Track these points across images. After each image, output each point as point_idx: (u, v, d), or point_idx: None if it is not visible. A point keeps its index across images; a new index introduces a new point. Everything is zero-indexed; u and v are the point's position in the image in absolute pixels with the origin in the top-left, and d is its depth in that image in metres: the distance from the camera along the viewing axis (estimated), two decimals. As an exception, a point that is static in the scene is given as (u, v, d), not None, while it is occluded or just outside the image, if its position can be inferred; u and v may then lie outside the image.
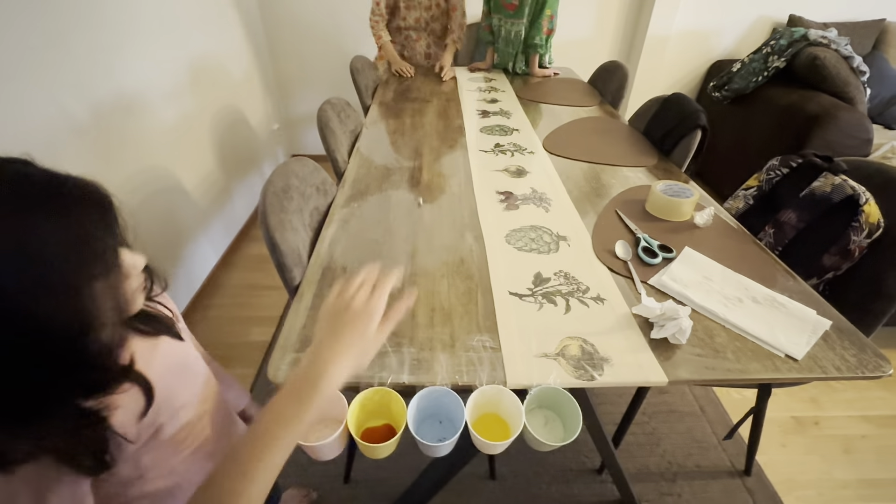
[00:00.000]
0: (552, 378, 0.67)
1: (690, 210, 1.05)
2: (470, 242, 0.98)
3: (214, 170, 2.05)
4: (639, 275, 0.88)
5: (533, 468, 1.37)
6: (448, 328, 0.76)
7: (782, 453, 1.45)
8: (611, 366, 0.69)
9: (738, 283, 0.85)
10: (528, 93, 1.96)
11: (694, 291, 0.82)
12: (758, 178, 1.09)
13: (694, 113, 1.32)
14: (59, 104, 1.26)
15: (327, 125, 1.29)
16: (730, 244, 0.98)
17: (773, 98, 2.34)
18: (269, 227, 0.83)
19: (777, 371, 0.69)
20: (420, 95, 1.91)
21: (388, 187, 1.20)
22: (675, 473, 1.38)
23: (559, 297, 0.83)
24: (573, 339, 0.74)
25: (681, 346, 0.73)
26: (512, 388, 0.66)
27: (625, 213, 1.08)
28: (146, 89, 1.61)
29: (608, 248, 0.96)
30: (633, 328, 0.76)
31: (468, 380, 0.67)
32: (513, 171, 1.29)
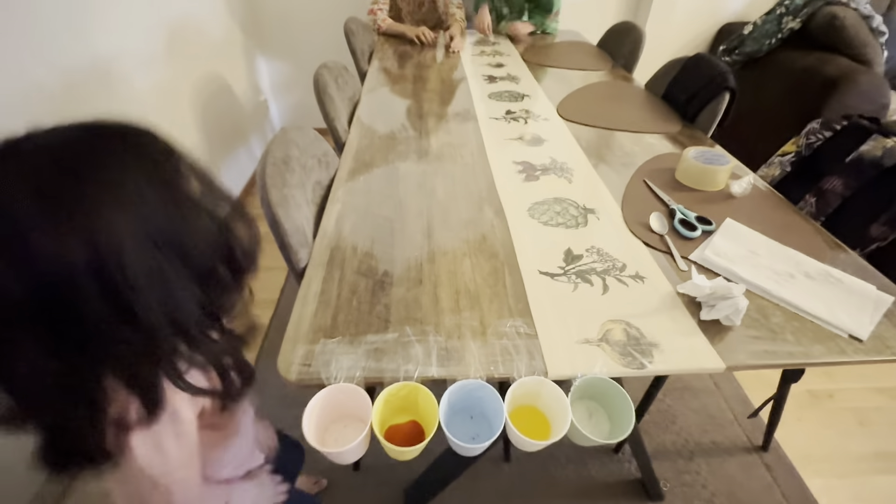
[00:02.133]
0: (598, 367, 0.60)
1: (726, 179, 0.97)
2: (490, 217, 0.89)
3: (198, 143, 1.92)
4: (677, 249, 0.81)
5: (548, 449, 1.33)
6: (477, 312, 0.68)
7: (798, 427, 1.43)
8: (660, 351, 0.63)
9: (787, 257, 0.78)
10: (535, 56, 1.84)
11: (741, 267, 0.75)
12: (796, 143, 1.01)
13: (721, 74, 1.22)
14: (26, 74, 1.13)
15: (325, 91, 1.17)
16: (770, 215, 0.90)
17: (787, 61, 2.23)
18: (270, 202, 0.74)
19: (843, 353, 0.63)
20: (421, 59, 1.78)
21: (394, 158, 1.09)
22: (691, 451, 1.35)
23: (595, 276, 0.75)
24: (616, 322, 0.67)
25: (733, 328, 0.66)
26: (553, 378, 0.59)
27: (654, 183, 1.00)
28: (120, 55, 1.46)
29: (641, 221, 0.88)
30: (680, 309, 0.69)
31: (504, 371, 0.60)
32: (528, 139, 1.20)
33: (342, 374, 0.59)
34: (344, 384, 0.57)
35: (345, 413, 0.62)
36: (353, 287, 0.72)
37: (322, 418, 0.59)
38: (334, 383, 0.58)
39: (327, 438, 0.60)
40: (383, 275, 0.75)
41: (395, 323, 0.66)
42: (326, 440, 0.60)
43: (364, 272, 0.75)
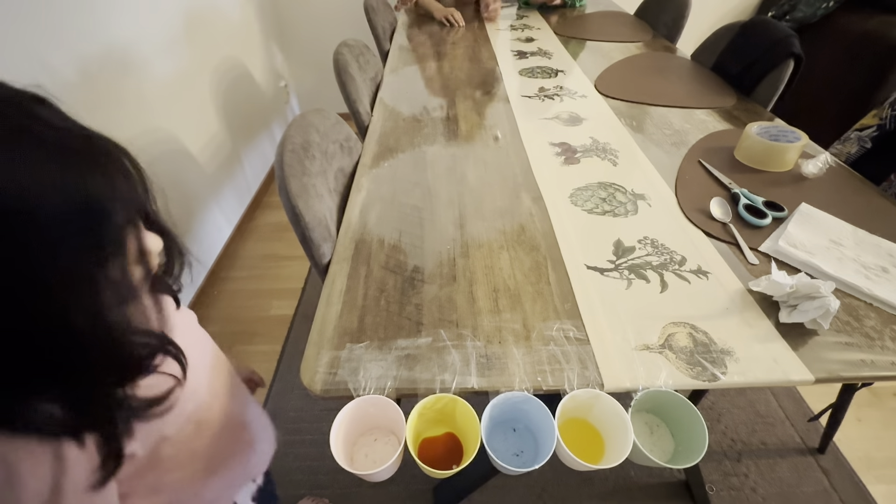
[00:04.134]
0: (662, 379, 0.53)
1: (795, 157, 0.86)
2: (528, 205, 0.81)
3: (220, 131, 1.88)
4: (744, 239, 0.71)
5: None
6: (519, 314, 0.61)
7: (859, 428, 1.32)
8: (735, 360, 0.54)
9: (877, 248, 0.67)
10: (567, 29, 1.71)
11: (823, 259, 0.65)
12: (878, 116, 0.89)
13: (785, 39, 1.08)
14: (41, 61, 1.09)
15: (345, 70, 1.10)
16: (851, 198, 0.79)
17: (844, 26, 2.03)
18: (290, 193, 0.67)
19: (957, 364, 0.53)
20: (445, 36, 1.68)
21: (421, 142, 1.02)
22: (739, 452, 1.26)
23: (650, 271, 0.66)
24: (679, 325, 0.59)
25: (818, 332, 0.57)
26: (610, 391, 0.52)
27: (711, 164, 0.89)
28: (139, 41, 1.42)
29: (700, 208, 0.78)
30: (753, 309, 0.60)
31: (554, 382, 0.53)
32: (565, 118, 1.10)
33: (371, 383, 0.53)
34: (374, 396, 0.52)
35: (374, 425, 0.56)
36: (381, 285, 0.66)
37: (350, 432, 0.54)
38: (363, 394, 0.52)
39: (356, 453, 0.55)
40: (413, 270, 0.68)
41: (428, 325, 0.59)
42: (355, 455, 0.55)
43: (392, 268, 0.68)
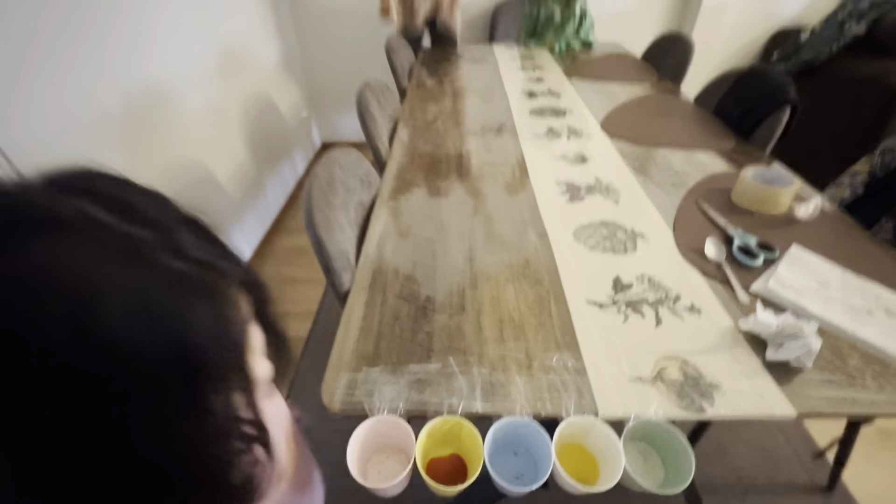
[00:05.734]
0: (653, 409, 0.57)
1: (789, 200, 0.91)
2: (534, 241, 0.87)
3: (246, 160, 1.99)
4: (737, 279, 0.76)
5: (588, 478, 1.28)
6: (522, 344, 0.66)
7: (869, 468, 1.30)
8: (722, 394, 0.58)
9: (863, 290, 0.71)
10: (575, 70, 1.81)
11: (810, 300, 0.69)
12: (869, 163, 0.94)
13: (781, 87, 1.15)
14: (88, 94, 1.21)
15: (367, 110, 1.19)
16: (841, 242, 0.83)
17: (847, 69, 2.09)
18: (315, 225, 0.74)
19: (935, 404, 0.56)
20: (459, 75, 1.78)
21: (435, 177, 1.09)
22: (745, 488, 1.26)
23: (646, 307, 0.71)
24: (671, 359, 0.63)
25: (803, 370, 0.61)
26: (604, 419, 0.56)
27: (708, 205, 0.95)
28: (175, 77, 1.55)
29: (695, 248, 0.83)
30: (742, 346, 0.64)
31: (552, 409, 0.57)
32: (571, 157, 1.17)
33: (385, 404, 0.58)
34: (387, 416, 0.57)
35: (386, 444, 0.61)
36: (396, 312, 0.71)
37: (364, 450, 0.59)
38: (377, 414, 0.57)
39: (369, 470, 0.59)
40: (425, 300, 0.74)
41: (438, 352, 0.65)
42: (368, 472, 0.59)
43: (406, 297, 0.74)
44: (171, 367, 0.24)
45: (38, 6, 1.05)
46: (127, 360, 0.22)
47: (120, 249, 0.24)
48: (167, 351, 0.24)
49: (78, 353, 0.21)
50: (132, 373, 0.23)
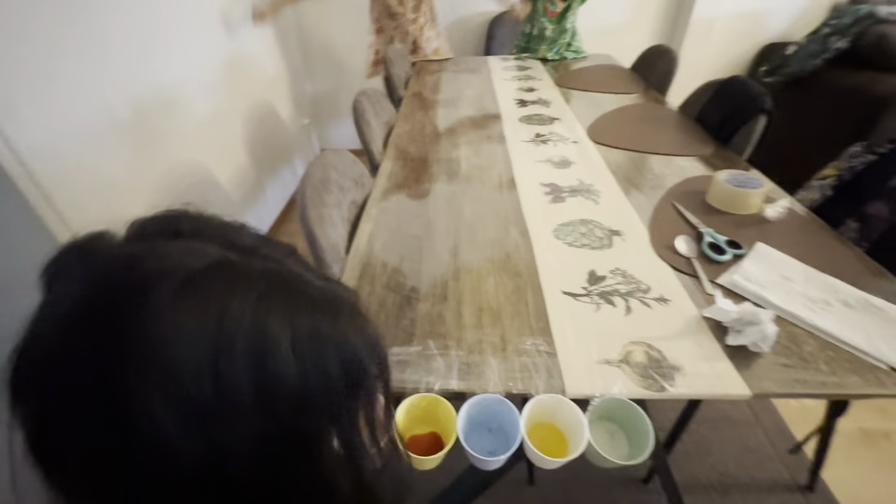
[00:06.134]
0: (617, 388, 0.61)
1: (759, 202, 0.95)
2: (515, 237, 0.91)
3: (246, 163, 2.05)
4: (705, 273, 0.80)
5: (572, 473, 1.30)
6: (498, 329, 0.70)
7: (849, 468, 1.33)
8: (683, 375, 0.62)
9: (823, 284, 0.75)
10: (567, 81, 1.87)
11: (772, 292, 0.73)
12: (837, 167, 0.98)
13: (757, 97, 1.20)
14: (100, 98, 1.27)
15: (363, 116, 1.25)
16: (807, 240, 0.88)
17: (832, 81, 2.16)
18: (309, 221, 0.79)
19: (882, 386, 0.60)
20: (453, 86, 1.85)
21: (425, 179, 1.14)
22: (727, 486, 1.28)
23: (618, 298, 0.75)
24: (637, 344, 0.67)
25: (762, 354, 0.65)
26: (571, 397, 0.60)
27: (683, 206, 0.99)
28: (183, 85, 1.61)
29: (668, 244, 0.87)
30: (705, 333, 0.68)
31: (523, 387, 0.61)
32: (556, 161, 1.22)
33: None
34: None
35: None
36: (382, 301, 0.76)
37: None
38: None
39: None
40: (410, 290, 0.78)
41: (420, 336, 0.69)
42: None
43: (392, 287, 0.79)
44: (342, 384, 0.25)
45: (56, 15, 1.11)
46: (310, 390, 0.23)
47: (267, 286, 0.24)
48: (341, 372, 0.24)
49: (272, 401, 0.22)
50: (316, 397, 0.24)
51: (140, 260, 0.23)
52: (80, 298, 0.22)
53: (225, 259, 0.24)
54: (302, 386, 0.23)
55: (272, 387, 0.22)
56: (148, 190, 1.42)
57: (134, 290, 0.22)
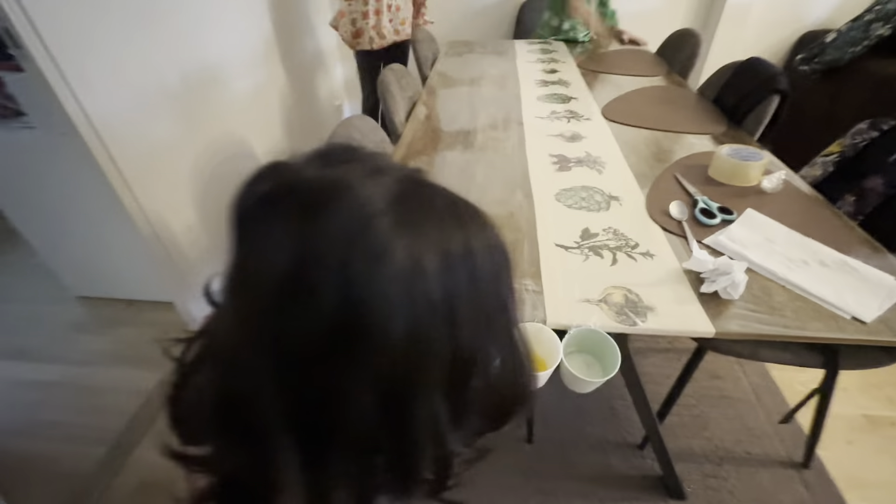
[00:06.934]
0: (593, 320, 0.68)
1: (758, 175, 0.99)
2: (520, 199, 0.99)
3: (281, 139, 2.20)
4: (694, 235, 0.85)
5: (571, 435, 1.38)
6: (493, 271, 0.78)
7: (848, 450, 1.34)
8: (655, 314, 0.69)
9: (805, 246, 0.80)
10: (590, 64, 1.90)
11: (753, 252, 0.78)
12: (840, 144, 1.01)
13: (772, 77, 1.22)
14: (158, 74, 1.42)
15: (388, 88, 1.34)
16: (801, 210, 0.91)
17: (870, 70, 2.09)
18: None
19: (841, 331, 0.65)
20: (478, 66, 1.92)
21: (443, 148, 1.23)
22: (721, 457, 1.32)
23: (606, 251, 0.82)
24: (618, 288, 0.74)
25: (733, 302, 0.71)
26: (552, 327, 0.68)
27: (685, 178, 1.04)
28: (226, 62, 1.75)
29: (663, 209, 0.93)
30: (683, 282, 0.75)
31: (509, 316, 0.70)
32: (568, 136, 1.28)
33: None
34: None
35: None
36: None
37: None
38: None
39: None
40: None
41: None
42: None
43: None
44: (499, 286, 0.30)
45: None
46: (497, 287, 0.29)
47: (443, 208, 0.29)
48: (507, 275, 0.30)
49: (479, 292, 0.27)
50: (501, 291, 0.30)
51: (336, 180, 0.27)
52: None
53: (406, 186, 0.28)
54: (478, 292, 0.28)
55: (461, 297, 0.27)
56: (192, 157, 1.57)
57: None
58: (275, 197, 0.26)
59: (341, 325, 0.24)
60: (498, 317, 0.30)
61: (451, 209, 0.29)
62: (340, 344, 0.24)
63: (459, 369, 0.28)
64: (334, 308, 0.24)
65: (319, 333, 0.24)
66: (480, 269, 0.28)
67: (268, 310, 0.25)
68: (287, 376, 0.25)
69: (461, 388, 0.29)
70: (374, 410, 0.26)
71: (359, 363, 0.25)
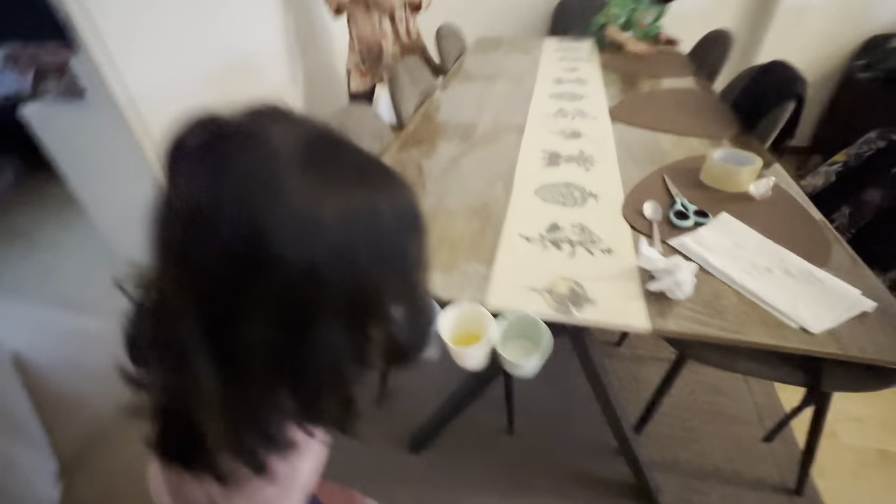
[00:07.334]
0: (531, 307, 0.70)
1: (750, 180, 0.96)
2: (498, 191, 1.02)
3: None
4: (664, 235, 0.85)
5: (555, 432, 1.38)
6: (451, 255, 0.82)
7: (853, 484, 1.26)
8: (594, 307, 0.70)
9: (773, 254, 0.77)
10: (615, 64, 1.87)
11: (715, 255, 0.77)
12: (846, 153, 0.95)
13: (789, 81, 1.16)
14: (194, 58, 1.57)
15: (396, 80, 1.40)
16: (784, 218, 0.87)
17: (940, 80, 1.90)
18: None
19: (783, 339, 0.63)
20: (500, 63, 1.94)
21: (441, 140, 1.27)
22: (707, 473, 1.28)
23: (566, 244, 0.84)
24: (566, 279, 0.76)
25: (681, 302, 0.70)
26: (491, 310, 0.71)
27: (674, 180, 1.02)
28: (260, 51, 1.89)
29: (637, 209, 0.92)
30: (633, 280, 0.75)
31: (451, 295, 0.73)
32: (567, 133, 1.28)
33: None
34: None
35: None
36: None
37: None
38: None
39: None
40: (392, 220, 0.93)
41: (386, 252, 0.83)
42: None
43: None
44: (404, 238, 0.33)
45: None
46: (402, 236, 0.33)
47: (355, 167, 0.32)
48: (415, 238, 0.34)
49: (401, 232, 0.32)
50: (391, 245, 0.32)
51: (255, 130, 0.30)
52: None
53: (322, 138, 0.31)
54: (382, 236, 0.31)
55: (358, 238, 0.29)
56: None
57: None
58: (197, 142, 0.29)
59: (245, 252, 0.27)
60: (401, 273, 0.33)
61: (362, 167, 0.32)
62: (245, 270, 0.27)
63: (358, 310, 0.31)
64: (239, 237, 0.27)
65: (227, 259, 0.27)
66: (386, 226, 0.31)
67: (183, 240, 0.28)
68: (202, 300, 0.29)
69: (361, 326, 0.32)
70: (277, 333, 0.29)
71: (262, 288, 0.28)
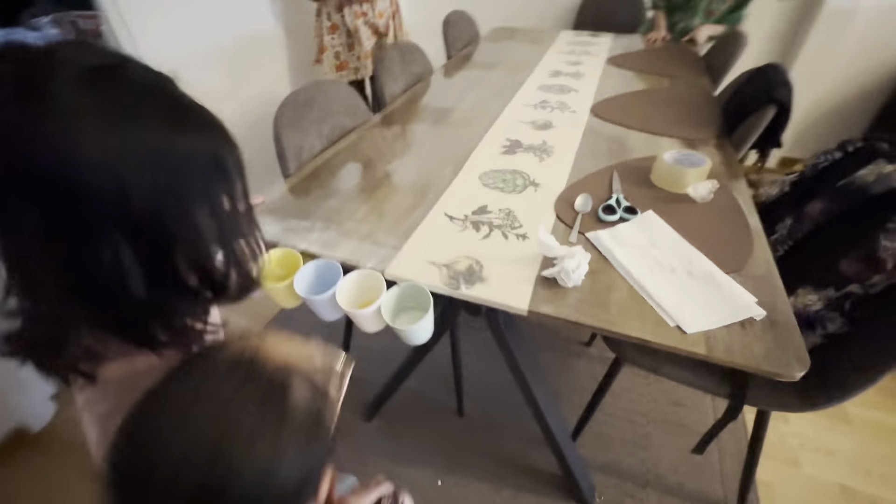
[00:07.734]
0: (425, 280, 0.73)
1: (694, 181, 0.93)
2: (445, 173, 1.04)
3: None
4: (585, 228, 0.85)
5: (502, 419, 1.40)
6: (373, 226, 0.86)
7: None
8: (485, 285, 0.72)
9: (683, 255, 0.76)
10: (623, 60, 1.82)
11: (623, 250, 0.77)
12: (804, 164, 0.90)
13: (773, 86, 1.10)
14: (210, 31, 1.68)
15: (382, 62, 1.44)
16: (718, 224, 0.85)
17: None
18: (279, 125, 1.03)
19: (652, 334, 0.63)
20: (504, 53, 1.93)
21: (414, 121, 1.31)
22: (648, 481, 1.26)
23: (485, 227, 0.85)
24: (468, 257, 0.78)
25: (567, 290, 0.71)
26: (389, 278, 0.75)
27: (623, 176, 1.01)
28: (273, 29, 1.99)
29: (570, 200, 0.92)
30: (534, 265, 0.76)
31: (356, 262, 0.77)
32: (539, 124, 1.28)
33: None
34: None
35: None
36: (307, 192, 0.97)
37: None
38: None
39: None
40: (335, 192, 0.98)
41: (315, 218, 0.89)
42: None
43: (323, 187, 0.99)
44: (210, 169, 0.37)
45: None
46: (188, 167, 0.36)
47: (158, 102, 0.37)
48: (209, 160, 0.37)
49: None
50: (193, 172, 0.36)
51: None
52: None
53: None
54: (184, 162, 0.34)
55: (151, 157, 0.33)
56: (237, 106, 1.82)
57: None
58: None
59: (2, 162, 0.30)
60: (204, 213, 0.36)
61: (166, 105, 0.37)
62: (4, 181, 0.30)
63: (146, 235, 0.34)
64: (23, 152, 0.30)
65: (32, 185, 0.30)
66: (182, 164, 0.34)
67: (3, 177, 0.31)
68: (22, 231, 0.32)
69: (154, 251, 0.35)
70: (44, 244, 0.32)
71: (21, 201, 0.31)
